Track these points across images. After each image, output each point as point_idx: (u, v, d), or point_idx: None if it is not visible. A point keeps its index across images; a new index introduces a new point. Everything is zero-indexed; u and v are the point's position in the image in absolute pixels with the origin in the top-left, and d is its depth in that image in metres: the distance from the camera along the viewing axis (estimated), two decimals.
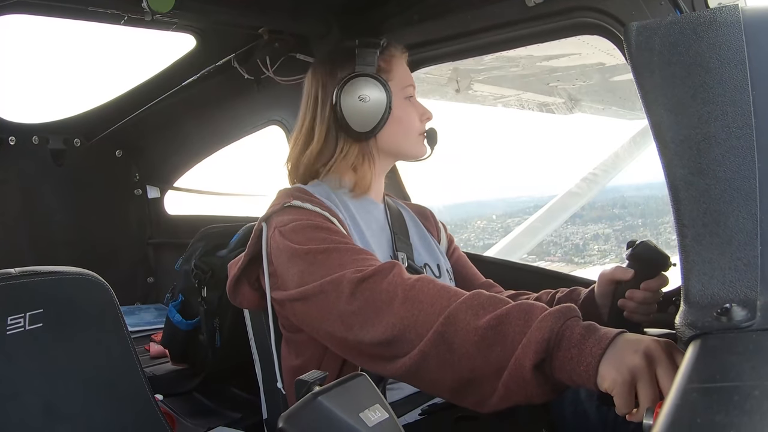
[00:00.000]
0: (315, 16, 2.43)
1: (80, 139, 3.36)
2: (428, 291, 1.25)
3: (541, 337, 1.06)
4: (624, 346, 1.01)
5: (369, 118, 1.64)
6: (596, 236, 9.67)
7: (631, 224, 9.68)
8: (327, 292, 1.34)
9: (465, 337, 1.14)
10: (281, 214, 1.54)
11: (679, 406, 0.58)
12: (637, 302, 1.48)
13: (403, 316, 1.23)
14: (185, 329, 2.40)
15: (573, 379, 1.04)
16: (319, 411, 0.81)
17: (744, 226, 0.75)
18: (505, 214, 9.65)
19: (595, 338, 1.03)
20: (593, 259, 9.38)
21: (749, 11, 0.80)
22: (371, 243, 1.65)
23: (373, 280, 1.30)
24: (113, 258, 3.54)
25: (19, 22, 2.41)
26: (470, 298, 1.20)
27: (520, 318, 1.11)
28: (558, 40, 2.07)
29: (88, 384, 1.47)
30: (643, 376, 0.96)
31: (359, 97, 1.62)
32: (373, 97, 1.63)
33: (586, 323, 1.07)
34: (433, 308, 1.21)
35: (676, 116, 0.80)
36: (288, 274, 1.45)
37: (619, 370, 0.98)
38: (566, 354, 1.04)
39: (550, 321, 1.07)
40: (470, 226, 9.02)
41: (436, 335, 1.17)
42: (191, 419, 2.34)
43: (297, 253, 1.43)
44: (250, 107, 3.07)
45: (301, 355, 1.59)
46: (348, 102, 1.63)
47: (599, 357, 1.01)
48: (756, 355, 0.66)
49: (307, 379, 0.88)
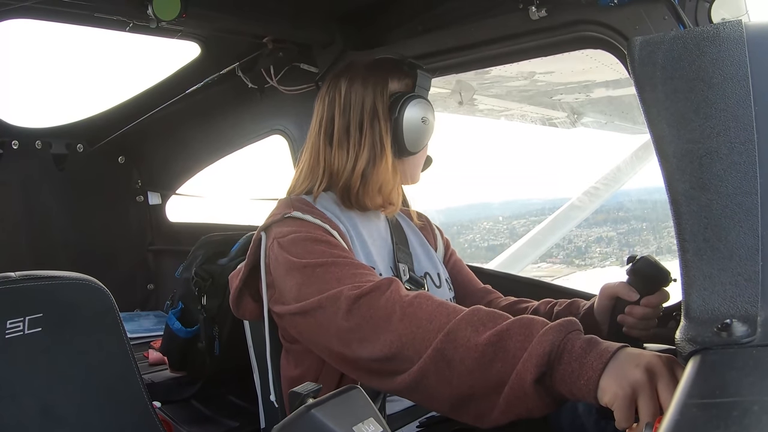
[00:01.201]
0: (318, 25, 2.44)
1: (83, 145, 3.36)
2: (427, 307, 1.24)
3: (542, 351, 1.06)
4: (625, 360, 1.00)
5: (422, 141, 1.67)
6: (599, 239, 9.69)
7: (636, 228, 9.70)
8: (324, 308, 1.34)
9: (465, 353, 1.14)
10: (281, 225, 1.53)
11: (678, 421, 0.58)
12: (637, 318, 1.48)
13: (402, 333, 1.23)
14: (184, 337, 2.40)
15: (573, 392, 1.04)
16: (312, 424, 0.80)
17: (745, 242, 0.75)
18: (512, 215, 9.69)
19: (597, 352, 1.03)
20: (594, 261, 9.42)
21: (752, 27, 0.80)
22: (373, 254, 1.65)
23: (370, 296, 1.30)
24: (113, 264, 3.54)
25: (25, 27, 2.42)
26: (470, 314, 1.19)
27: (520, 333, 1.11)
28: (561, 53, 2.07)
29: (87, 389, 1.47)
30: (643, 391, 0.95)
31: (422, 120, 1.64)
32: (431, 122, 1.67)
33: (588, 337, 1.07)
34: (431, 325, 1.21)
35: (678, 131, 0.81)
36: (285, 287, 1.45)
37: (620, 384, 0.98)
38: (567, 368, 1.04)
39: (551, 335, 1.07)
40: (476, 227, 9.06)
41: (435, 352, 1.17)
42: (189, 427, 2.33)
43: (295, 266, 1.43)
44: (253, 116, 3.07)
45: (300, 366, 1.59)
46: (411, 121, 1.62)
47: (600, 371, 1.00)
48: (756, 370, 0.66)
49: (300, 391, 0.87)
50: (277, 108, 2.89)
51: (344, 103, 1.63)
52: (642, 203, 9.56)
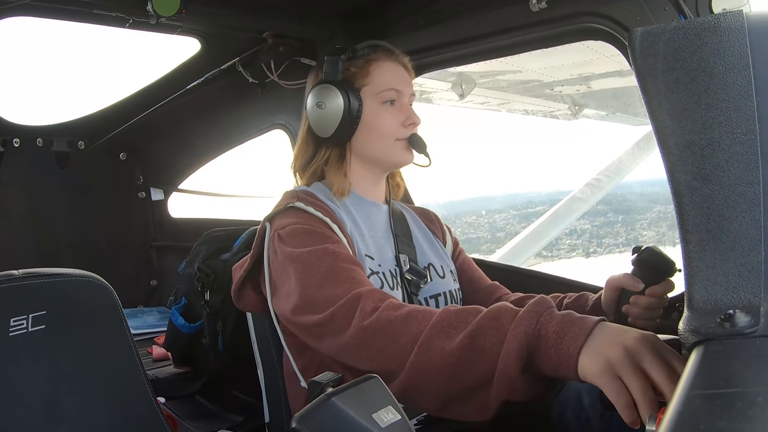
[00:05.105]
0: (319, 20, 2.44)
1: (84, 142, 3.36)
2: (395, 320, 1.25)
3: (518, 345, 1.06)
4: (603, 337, 1.01)
5: (327, 125, 1.66)
6: (572, 231, 9.76)
7: (612, 220, 9.77)
8: (324, 326, 1.36)
9: (442, 362, 1.14)
10: (283, 216, 1.55)
11: (682, 412, 0.57)
12: (642, 308, 1.48)
13: (379, 349, 1.24)
14: (188, 332, 2.41)
15: (558, 374, 1.05)
16: (333, 411, 0.81)
17: (748, 232, 0.74)
18: (495, 210, 9.77)
19: (572, 334, 1.03)
20: (560, 253, 9.49)
21: (753, 17, 0.80)
22: (373, 245, 1.65)
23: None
24: (116, 260, 3.54)
25: (25, 25, 2.42)
26: (439, 321, 1.19)
27: (491, 328, 1.11)
28: (562, 45, 2.07)
29: (90, 386, 1.47)
30: (623, 368, 0.95)
31: (317, 104, 1.66)
32: (329, 104, 1.65)
33: (561, 315, 1.07)
34: (404, 338, 1.21)
35: (679, 121, 0.80)
36: (280, 281, 1.48)
37: (596, 362, 0.98)
38: (545, 354, 1.04)
39: (523, 325, 1.07)
40: (458, 221, 9.15)
41: (412, 366, 1.18)
42: (193, 422, 2.33)
43: (289, 257, 1.46)
44: (254, 111, 3.07)
45: (300, 359, 1.60)
46: (310, 109, 1.68)
47: (577, 355, 1.00)
48: (759, 361, 0.66)
49: (320, 380, 0.88)
50: (278, 103, 2.89)
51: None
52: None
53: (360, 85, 1.67)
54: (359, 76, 1.68)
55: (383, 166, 1.76)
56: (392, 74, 1.71)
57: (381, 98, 1.68)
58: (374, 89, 1.68)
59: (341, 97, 1.64)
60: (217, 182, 3.70)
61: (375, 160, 1.73)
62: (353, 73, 1.69)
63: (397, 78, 1.72)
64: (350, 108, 1.64)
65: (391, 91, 1.69)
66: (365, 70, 1.69)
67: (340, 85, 1.65)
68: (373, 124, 1.68)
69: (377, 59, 1.71)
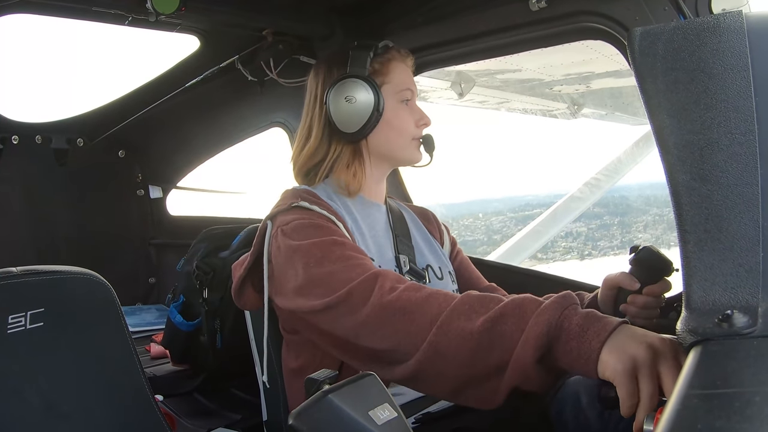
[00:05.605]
0: (318, 18, 2.43)
1: (83, 139, 3.36)
2: (417, 300, 1.25)
3: (539, 332, 1.06)
4: (628, 335, 1.01)
5: (355, 119, 1.64)
6: (568, 234, 9.78)
7: (608, 223, 9.79)
8: (335, 308, 1.35)
9: (460, 344, 1.14)
10: (287, 214, 1.55)
11: (680, 411, 0.58)
12: (639, 307, 1.48)
13: (398, 327, 1.23)
14: (186, 330, 2.40)
15: (574, 368, 1.05)
16: (329, 408, 0.81)
17: (746, 233, 0.75)
18: (492, 212, 9.79)
19: (595, 329, 1.03)
20: (556, 255, 9.49)
21: (753, 17, 0.80)
22: (373, 245, 1.65)
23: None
24: (115, 258, 3.53)
25: (23, 22, 2.42)
26: (461, 303, 1.19)
27: (514, 315, 1.11)
28: (561, 44, 2.07)
29: (89, 383, 1.47)
30: (644, 368, 0.95)
31: (346, 98, 1.63)
32: (359, 99, 1.63)
33: (585, 311, 1.07)
34: (424, 318, 1.21)
35: (678, 121, 0.80)
36: (284, 276, 1.47)
37: (620, 358, 0.98)
38: (566, 346, 1.05)
39: (547, 314, 1.07)
40: (456, 224, 9.15)
41: (430, 346, 1.17)
42: (191, 420, 2.33)
43: (294, 249, 1.45)
44: (254, 109, 3.07)
45: (300, 357, 1.60)
46: (336, 103, 1.65)
47: (599, 348, 1.00)
48: (757, 361, 0.66)
49: (317, 377, 0.88)
50: (277, 100, 2.89)
51: (306, 98, 1.75)
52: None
53: (381, 83, 1.68)
54: (380, 74, 1.70)
55: (394, 163, 1.78)
56: (407, 74, 1.75)
57: (399, 97, 1.71)
58: (394, 88, 1.70)
59: (371, 92, 1.64)
60: (215, 180, 3.70)
61: (389, 157, 1.74)
62: (376, 70, 1.69)
63: (410, 78, 1.76)
64: (378, 104, 1.65)
65: (408, 91, 1.72)
66: (386, 68, 1.70)
67: (369, 80, 1.66)
68: (394, 122, 1.69)
69: (394, 58, 1.73)
